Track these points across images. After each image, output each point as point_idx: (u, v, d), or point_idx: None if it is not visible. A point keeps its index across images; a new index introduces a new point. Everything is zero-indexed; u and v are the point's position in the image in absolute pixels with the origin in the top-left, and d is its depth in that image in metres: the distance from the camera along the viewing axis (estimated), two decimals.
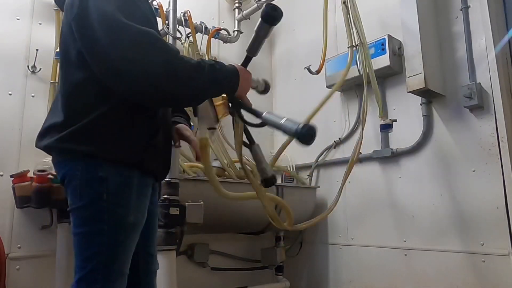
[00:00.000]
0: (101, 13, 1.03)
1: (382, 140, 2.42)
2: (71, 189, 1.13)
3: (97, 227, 1.10)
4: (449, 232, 2.10)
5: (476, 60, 2.06)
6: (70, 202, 1.14)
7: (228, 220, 2.37)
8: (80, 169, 1.11)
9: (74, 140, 1.11)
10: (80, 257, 1.10)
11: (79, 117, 1.10)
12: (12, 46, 2.12)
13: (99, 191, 1.10)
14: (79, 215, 1.12)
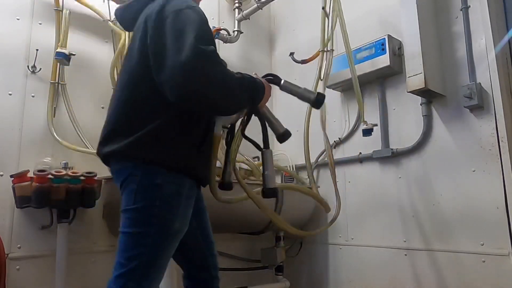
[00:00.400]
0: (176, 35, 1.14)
1: (382, 140, 2.42)
2: (128, 192, 1.22)
3: (144, 229, 1.19)
4: (449, 232, 2.10)
5: (476, 60, 2.06)
6: (124, 204, 1.22)
7: (228, 220, 2.37)
8: (139, 175, 1.20)
9: (137, 147, 1.20)
10: (123, 255, 1.20)
11: (141, 126, 1.19)
12: (12, 46, 2.12)
13: (153, 197, 1.19)
14: (130, 216, 1.20)
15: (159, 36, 1.17)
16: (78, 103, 2.26)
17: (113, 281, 1.22)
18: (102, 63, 2.38)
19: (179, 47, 1.10)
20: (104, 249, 2.25)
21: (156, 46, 1.17)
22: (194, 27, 1.15)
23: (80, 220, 2.14)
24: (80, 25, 2.34)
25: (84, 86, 2.33)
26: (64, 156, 2.14)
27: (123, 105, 1.27)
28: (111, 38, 2.42)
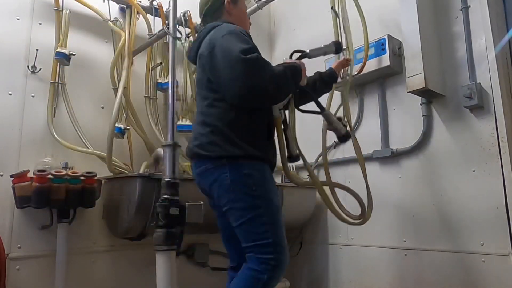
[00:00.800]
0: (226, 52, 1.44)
1: (382, 140, 2.42)
2: (223, 190, 1.44)
3: (257, 212, 1.41)
4: (449, 232, 2.10)
5: (476, 60, 2.06)
6: (224, 202, 1.45)
7: None
8: (228, 171, 1.42)
9: (221, 146, 1.44)
10: (251, 238, 1.41)
11: (220, 128, 1.45)
12: (12, 46, 2.12)
13: (249, 184, 1.42)
14: (239, 208, 1.42)
15: (214, 64, 1.46)
16: (78, 103, 2.26)
17: (248, 261, 1.41)
18: (102, 63, 2.38)
19: (231, 66, 1.39)
20: (104, 249, 2.25)
21: (216, 73, 1.46)
22: (234, 44, 1.42)
23: (80, 220, 2.14)
24: (80, 25, 2.34)
25: (84, 86, 2.33)
26: (64, 156, 2.14)
27: (200, 114, 1.57)
28: (111, 38, 2.42)
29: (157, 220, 1.73)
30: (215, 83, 1.48)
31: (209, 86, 1.52)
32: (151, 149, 2.30)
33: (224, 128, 1.45)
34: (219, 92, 1.47)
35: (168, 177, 1.78)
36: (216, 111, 1.48)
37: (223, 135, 1.45)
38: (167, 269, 1.71)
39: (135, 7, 2.36)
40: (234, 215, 1.44)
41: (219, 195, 1.47)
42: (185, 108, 2.50)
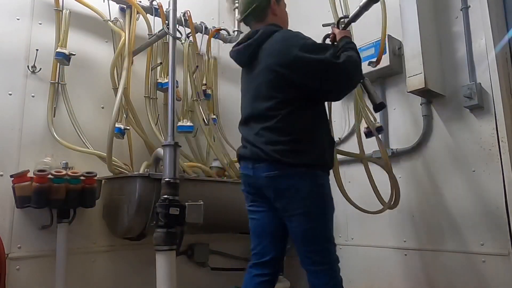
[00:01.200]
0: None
1: (382, 140, 2.41)
2: (298, 196, 1.51)
3: (325, 219, 1.56)
4: (449, 232, 2.10)
5: (476, 60, 2.06)
6: (294, 207, 1.52)
7: (228, 220, 2.37)
8: (308, 180, 1.52)
9: (300, 154, 1.52)
10: (316, 242, 1.54)
11: (298, 137, 1.53)
12: (12, 46, 2.12)
13: (323, 193, 1.56)
14: (310, 213, 1.52)
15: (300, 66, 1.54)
16: (78, 103, 2.26)
17: (319, 263, 1.54)
18: (102, 63, 2.38)
19: (328, 71, 1.52)
20: (104, 249, 2.25)
21: (298, 73, 1.54)
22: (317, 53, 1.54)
23: (80, 220, 2.14)
24: (80, 25, 2.34)
25: (84, 86, 2.33)
26: (64, 156, 2.14)
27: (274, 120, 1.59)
28: (111, 38, 2.42)
29: (157, 220, 1.73)
30: (304, 89, 1.55)
31: (274, 92, 1.56)
32: (151, 149, 2.30)
33: (300, 140, 1.53)
34: (289, 97, 1.55)
35: (168, 177, 1.78)
36: (290, 118, 1.54)
37: (301, 144, 1.53)
38: (167, 269, 1.71)
39: (135, 7, 2.36)
40: (303, 221, 1.53)
41: (291, 200, 1.53)
42: (185, 108, 2.50)
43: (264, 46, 1.61)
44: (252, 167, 1.61)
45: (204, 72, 2.63)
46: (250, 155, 1.61)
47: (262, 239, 1.68)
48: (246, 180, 1.68)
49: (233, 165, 2.42)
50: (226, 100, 2.90)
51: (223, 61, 2.97)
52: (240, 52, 1.70)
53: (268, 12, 1.70)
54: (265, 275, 1.65)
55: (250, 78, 1.69)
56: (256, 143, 1.58)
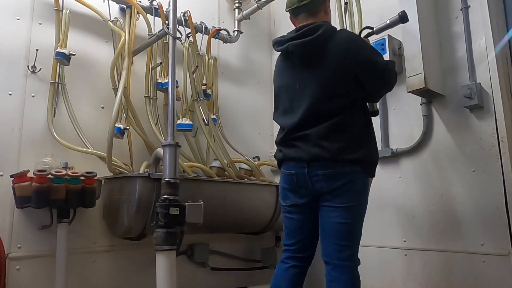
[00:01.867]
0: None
1: (382, 140, 2.42)
2: (352, 191, 1.59)
3: (362, 218, 1.65)
4: (449, 232, 2.10)
5: (476, 60, 2.06)
6: (344, 200, 1.58)
7: (228, 220, 2.38)
8: (360, 177, 1.63)
9: (359, 152, 1.60)
10: (350, 238, 1.59)
11: (358, 136, 1.63)
12: (12, 46, 2.12)
13: (367, 194, 1.69)
14: (355, 208, 1.60)
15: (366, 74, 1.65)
16: (78, 103, 2.26)
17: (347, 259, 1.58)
18: (102, 63, 2.38)
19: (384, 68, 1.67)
20: (104, 249, 2.25)
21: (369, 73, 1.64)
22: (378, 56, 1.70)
23: (80, 220, 2.14)
24: (80, 25, 2.34)
25: (84, 86, 2.33)
26: (64, 156, 2.13)
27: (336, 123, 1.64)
28: (111, 38, 2.42)
29: (157, 220, 1.73)
30: (362, 88, 1.64)
31: (342, 88, 1.61)
32: (151, 149, 2.30)
33: (359, 139, 1.62)
34: (354, 95, 1.63)
35: (168, 177, 1.78)
36: (350, 118, 1.61)
37: (360, 142, 1.62)
38: (167, 269, 1.71)
39: (135, 7, 2.36)
40: (346, 213, 1.58)
41: (343, 193, 1.58)
42: (185, 108, 2.50)
43: (330, 44, 1.62)
44: (307, 166, 1.62)
45: (204, 72, 2.62)
46: (305, 155, 1.62)
47: (302, 238, 1.72)
48: (295, 179, 1.67)
49: (233, 165, 2.42)
50: (226, 100, 2.90)
51: (223, 61, 2.97)
52: (305, 46, 1.64)
53: (322, 8, 1.72)
54: (300, 267, 1.71)
55: (307, 74, 1.66)
56: (316, 142, 1.60)
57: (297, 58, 1.69)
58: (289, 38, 1.70)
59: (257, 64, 3.20)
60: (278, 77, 1.81)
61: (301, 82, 1.67)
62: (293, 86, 1.69)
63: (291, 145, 1.68)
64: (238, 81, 3.07)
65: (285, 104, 1.73)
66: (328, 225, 1.62)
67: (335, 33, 1.65)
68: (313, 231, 1.70)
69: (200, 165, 2.39)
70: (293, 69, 1.72)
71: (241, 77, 3.09)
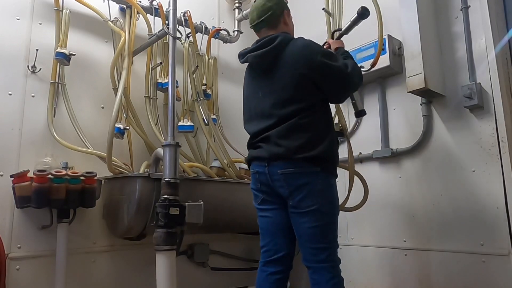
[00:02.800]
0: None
1: (382, 140, 2.42)
2: (314, 194, 1.59)
3: (334, 219, 1.66)
4: (449, 232, 2.10)
5: (476, 60, 2.06)
6: (309, 204, 1.59)
7: (228, 220, 2.37)
8: (321, 178, 1.62)
9: (317, 153, 1.60)
10: (323, 240, 1.61)
11: (316, 137, 1.63)
12: (12, 46, 2.12)
13: (333, 193, 1.67)
14: (322, 210, 1.60)
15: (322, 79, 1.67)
16: (78, 103, 2.26)
17: (325, 261, 1.60)
18: (102, 63, 2.38)
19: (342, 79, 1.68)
20: (104, 249, 2.25)
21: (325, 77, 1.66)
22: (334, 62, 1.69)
23: (80, 220, 2.14)
24: (80, 25, 2.34)
25: (84, 86, 2.33)
26: (64, 156, 2.13)
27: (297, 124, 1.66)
28: (111, 38, 2.42)
29: (157, 220, 1.73)
30: (320, 91, 1.67)
31: (299, 93, 1.65)
32: (151, 149, 2.30)
33: (317, 139, 1.62)
34: (311, 98, 1.65)
35: (168, 177, 1.78)
36: (307, 119, 1.63)
37: (318, 143, 1.62)
38: (167, 269, 1.71)
39: (135, 7, 2.36)
40: (315, 217, 1.60)
41: (305, 196, 1.59)
42: (186, 108, 2.50)
43: (285, 53, 1.68)
44: (267, 165, 1.66)
45: (204, 72, 2.62)
46: (266, 154, 1.66)
47: (275, 236, 1.72)
48: (258, 178, 1.71)
49: (233, 165, 2.42)
50: (226, 100, 2.90)
51: (223, 61, 2.97)
52: (261, 57, 1.73)
53: (281, 20, 1.79)
54: (279, 272, 1.70)
55: (267, 82, 1.73)
56: (276, 141, 1.63)
57: (256, 68, 1.79)
58: (249, 50, 1.79)
59: None
60: (245, 87, 1.89)
61: (263, 89, 1.75)
62: (256, 93, 1.77)
63: (256, 147, 1.73)
64: (238, 81, 3.05)
65: (251, 111, 1.80)
66: (300, 231, 1.64)
67: (291, 41, 1.71)
68: (285, 229, 1.70)
69: (200, 165, 2.39)
70: (255, 78, 1.81)
71: (241, 77, 3.05)
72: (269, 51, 1.70)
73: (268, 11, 1.76)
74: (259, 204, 1.77)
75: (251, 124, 1.78)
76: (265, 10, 1.77)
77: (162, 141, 2.11)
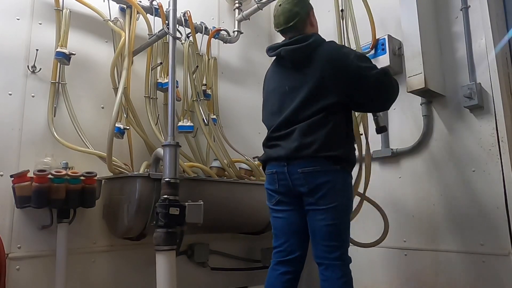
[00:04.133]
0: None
1: (382, 140, 2.42)
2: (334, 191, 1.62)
3: (349, 217, 1.70)
4: (449, 232, 2.10)
5: (476, 60, 2.06)
6: (328, 201, 1.61)
7: (228, 220, 2.37)
8: (341, 177, 1.65)
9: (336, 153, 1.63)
10: (338, 238, 1.64)
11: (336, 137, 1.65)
12: (12, 46, 2.12)
13: (351, 192, 1.73)
14: (340, 208, 1.63)
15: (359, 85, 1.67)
16: (78, 103, 2.26)
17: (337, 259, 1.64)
18: (102, 63, 2.38)
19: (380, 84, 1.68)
20: (104, 249, 2.25)
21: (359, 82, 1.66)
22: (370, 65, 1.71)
23: (80, 220, 2.14)
24: (80, 25, 2.34)
25: (84, 86, 2.33)
26: (64, 156, 2.13)
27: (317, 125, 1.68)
28: (111, 38, 2.42)
29: (157, 220, 1.73)
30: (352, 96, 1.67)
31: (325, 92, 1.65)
32: (151, 149, 2.30)
33: (338, 138, 1.64)
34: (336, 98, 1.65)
35: (168, 177, 1.78)
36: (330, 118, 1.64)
37: (337, 143, 1.64)
38: (167, 269, 1.71)
39: (135, 7, 2.36)
40: (332, 214, 1.62)
41: (325, 194, 1.61)
42: (186, 108, 2.50)
43: (317, 52, 1.70)
44: (286, 164, 1.66)
45: (204, 72, 2.62)
46: (284, 153, 1.66)
47: (290, 237, 1.72)
48: (277, 178, 1.71)
49: (233, 165, 2.42)
50: (226, 100, 2.90)
51: (223, 61, 2.97)
52: (295, 51, 1.74)
53: (307, 22, 1.80)
54: (291, 272, 1.71)
55: (296, 78, 1.74)
56: (297, 139, 1.64)
57: (289, 62, 1.78)
58: (282, 44, 1.80)
59: (257, 64, 3.19)
60: (268, 82, 1.90)
61: (290, 85, 1.75)
62: (283, 88, 1.77)
63: (273, 145, 1.74)
64: (238, 81, 3.07)
65: (274, 105, 1.80)
66: (315, 228, 1.65)
67: (324, 43, 1.75)
68: (300, 230, 1.71)
69: (200, 165, 2.39)
70: (283, 73, 1.81)
71: (241, 77, 3.10)
72: (304, 47, 1.72)
73: (295, 17, 1.77)
74: (274, 205, 1.76)
75: (272, 118, 1.78)
76: (292, 15, 1.77)
77: (162, 141, 2.11)
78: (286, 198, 1.72)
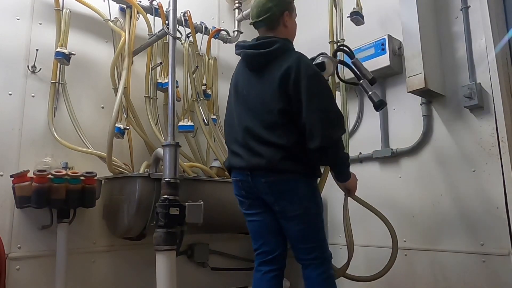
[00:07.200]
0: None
1: (382, 140, 2.42)
2: (298, 199, 1.62)
3: (320, 218, 1.69)
4: (449, 232, 2.10)
5: (476, 60, 2.06)
6: (294, 208, 1.62)
7: (228, 220, 2.37)
8: (303, 184, 1.64)
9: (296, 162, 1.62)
10: (312, 240, 1.65)
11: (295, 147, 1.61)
12: (12, 46, 2.12)
13: (317, 195, 1.69)
14: (307, 213, 1.63)
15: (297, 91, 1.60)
16: (78, 103, 2.26)
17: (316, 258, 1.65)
18: (102, 63, 2.38)
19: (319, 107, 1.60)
20: (104, 249, 2.25)
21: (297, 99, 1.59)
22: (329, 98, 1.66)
23: (80, 220, 2.14)
24: (80, 25, 2.34)
25: (84, 86, 2.33)
26: (64, 156, 2.14)
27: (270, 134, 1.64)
28: (111, 38, 2.42)
29: (157, 220, 1.73)
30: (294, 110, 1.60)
31: (281, 103, 1.61)
32: (151, 149, 2.30)
33: (294, 148, 1.60)
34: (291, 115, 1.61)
35: (168, 177, 1.78)
36: (288, 126, 1.61)
37: (297, 152, 1.61)
38: (167, 269, 1.71)
39: (135, 7, 2.36)
40: (301, 220, 1.63)
41: (290, 202, 1.62)
42: (185, 108, 2.50)
43: (278, 61, 1.65)
44: (250, 174, 1.66)
45: (204, 72, 2.62)
46: (245, 165, 1.66)
47: (267, 238, 1.73)
48: (242, 185, 1.72)
49: None
50: (226, 100, 2.89)
51: (223, 61, 2.97)
52: (255, 57, 1.71)
53: (280, 22, 1.74)
54: (274, 270, 1.72)
55: (254, 83, 1.71)
56: (256, 150, 1.62)
57: (249, 65, 1.75)
58: (247, 46, 1.76)
59: None
60: (234, 77, 1.85)
61: (248, 89, 1.72)
62: (244, 91, 1.74)
63: (235, 154, 1.72)
64: None
65: (233, 106, 1.78)
66: (289, 233, 1.69)
67: (288, 52, 1.67)
68: (276, 230, 1.72)
69: (200, 165, 2.39)
70: (246, 74, 1.77)
71: None
72: (263, 54, 1.68)
73: (267, 12, 1.72)
74: (247, 209, 1.77)
75: (232, 121, 1.76)
76: (264, 10, 1.72)
77: (162, 141, 2.11)
78: (256, 201, 1.72)
